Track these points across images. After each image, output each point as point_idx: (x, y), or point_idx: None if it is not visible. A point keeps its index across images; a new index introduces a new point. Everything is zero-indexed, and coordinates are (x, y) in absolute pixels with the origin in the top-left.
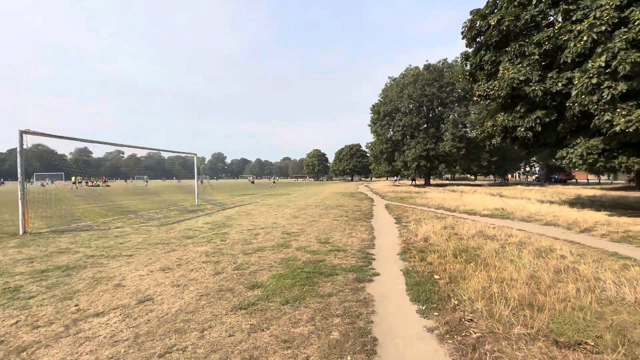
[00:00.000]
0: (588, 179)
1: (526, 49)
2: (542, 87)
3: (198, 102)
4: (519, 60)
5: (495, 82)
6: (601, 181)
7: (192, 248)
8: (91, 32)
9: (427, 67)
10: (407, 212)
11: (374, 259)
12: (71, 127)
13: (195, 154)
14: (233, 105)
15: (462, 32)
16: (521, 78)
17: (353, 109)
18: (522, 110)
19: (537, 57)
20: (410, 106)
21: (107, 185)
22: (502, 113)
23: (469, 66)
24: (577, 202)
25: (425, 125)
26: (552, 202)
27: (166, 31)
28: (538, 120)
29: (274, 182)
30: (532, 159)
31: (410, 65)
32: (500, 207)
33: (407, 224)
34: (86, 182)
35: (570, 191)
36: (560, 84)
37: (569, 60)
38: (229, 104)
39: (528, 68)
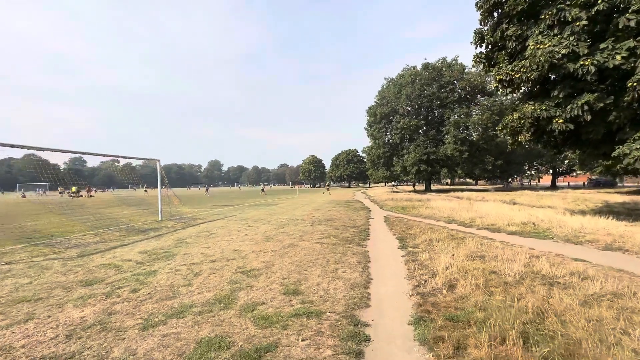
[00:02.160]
0: (584, 183)
1: (568, 14)
2: (594, 61)
3: (193, 108)
4: (556, 31)
5: (524, 61)
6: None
7: (65, 311)
8: (86, 39)
9: (426, 66)
10: (412, 229)
11: (368, 341)
12: (65, 135)
13: (159, 160)
14: (229, 112)
15: (477, 3)
16: (563, 52)
17: (350, 114)
18: (560, 96)
19: (584, 22)
20: (409, 108)
21: (91, 196)
22: (531, 102)
23: (484, 47)
24: (615, 212)
25: (425, 128)
26: (584, 213)
27: (161, 38)
28: (586, 107)
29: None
30: (534, 162)
31: (408, 65)
32: (529, 221)
33: (415, 249)
34: (69, 193)
35: (592, 197)
36: (618, 57)
37: (633, 24)
38: (225, 111)
39: (572, 38)
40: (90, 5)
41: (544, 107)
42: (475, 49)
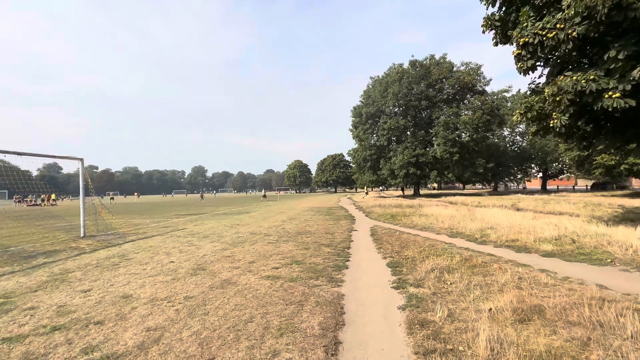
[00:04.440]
0: (587, 186)
1: None
2: None
3: (178, 114)
4: None
5: (561, 14)
6: (589, 188)
7: None
8: (67, 43)
9: (413, 63)
10: (408, 248)
11: None
12: (44, 141)
13: (81, 159)
14: (215, 118)
15: None
16: None
17: (338, 121)
18: (620, 57)
19: None
20: (396, 109)
21: (52, 205)
22: (569, 73)
23: (497, 6)
24: None
25: (413, 129)
26: (617, 222)
27: (146, 42)
28: None
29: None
30: (523, 165)
31: (394, 64)
32: (562, 235)
33: (419, 290)
34: (26, 202)
35: (600, 201)
36: None
37: None
38: (210, 117)
39: None
40: (71, 8)
41: (591, 77)
42: (487, 9)
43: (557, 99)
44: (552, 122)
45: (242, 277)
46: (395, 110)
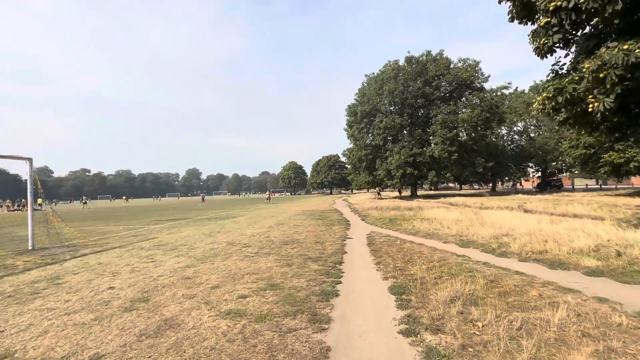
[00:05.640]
0: (587, 185)
1: None
2: None
3: (172, 116)
4: None
5: None
6: (589, 187)
7: None
8: (62, 46)
9: (409, 60)
10: (413, 264)
11: None
12: (35, 144)
13: (30, 159)
14: (210, 120)
15: None
16: None
17: (334, 122)
18: None
19: None
20: (392, 108)
21: (37, 209)
22: (614, 44)
23: None
24: None
25: (409, 128)
26: None
27: (140, 44)
28: None
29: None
30: (521, 165)
31: (390, 61)
32: (600, 245)
33: (439, 337)
34: (7, 207)
35: (613, 201)
36: None
37: None
38: (206, 119)
39: None
40: (64, 10)
41: None
42: None
43: (601, 75)
44: (590, 106)
45: (193, 313)
46: (391, 108)
